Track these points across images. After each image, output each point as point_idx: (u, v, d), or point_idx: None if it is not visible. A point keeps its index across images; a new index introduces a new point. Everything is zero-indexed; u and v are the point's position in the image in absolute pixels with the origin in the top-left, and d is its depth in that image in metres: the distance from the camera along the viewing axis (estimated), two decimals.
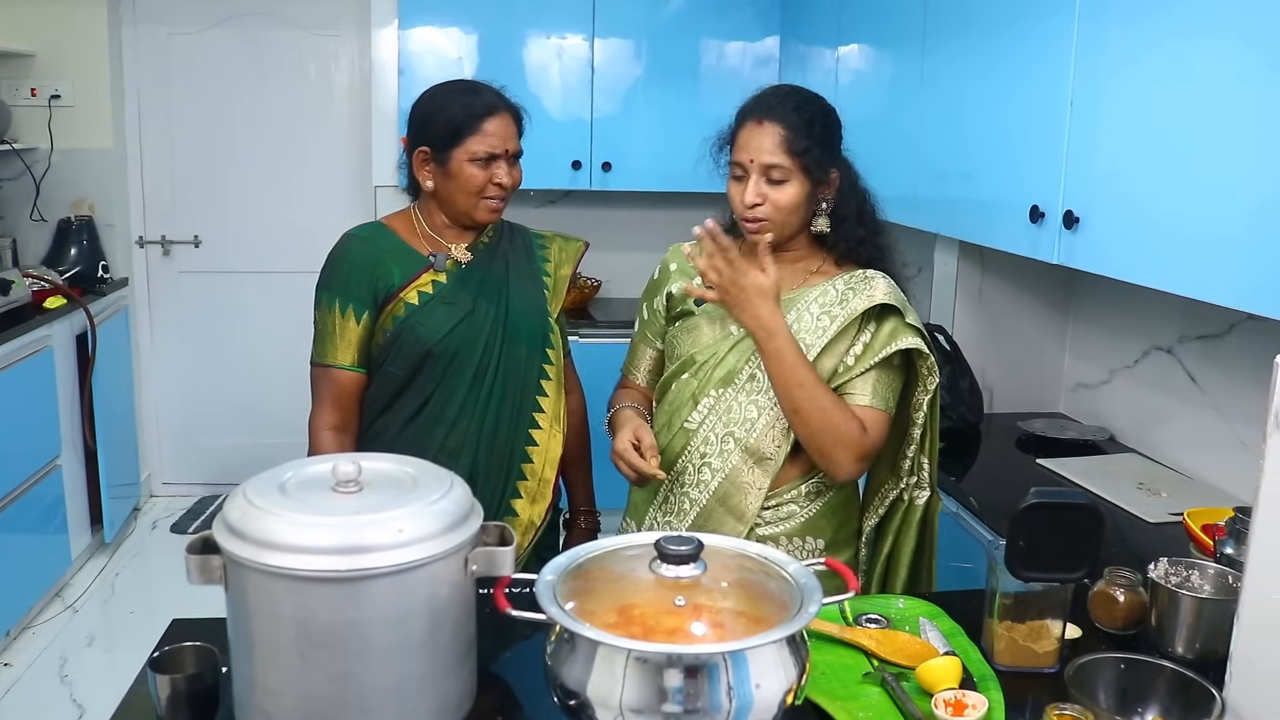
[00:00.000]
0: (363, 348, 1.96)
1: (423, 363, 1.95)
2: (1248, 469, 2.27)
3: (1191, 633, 1.48)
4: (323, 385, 1.98)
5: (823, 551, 1.86)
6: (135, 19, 4.46)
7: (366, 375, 1.99)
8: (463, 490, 1.23)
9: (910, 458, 1.89)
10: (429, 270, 1.98)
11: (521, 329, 2.02)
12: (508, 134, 1.98)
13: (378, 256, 1.97)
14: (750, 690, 1.09)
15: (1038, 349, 3.13)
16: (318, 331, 1.98)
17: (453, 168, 1.95)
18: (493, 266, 2.04)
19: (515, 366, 2.02)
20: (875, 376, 1.80)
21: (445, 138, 1.95)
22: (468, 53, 4.27)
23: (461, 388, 1.97)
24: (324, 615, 1.12)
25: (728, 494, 1.85)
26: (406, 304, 1.95)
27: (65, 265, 4.13)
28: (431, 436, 1.96)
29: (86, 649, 3.50)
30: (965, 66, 2.68)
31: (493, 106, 1.97)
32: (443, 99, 2.00)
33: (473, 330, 1.97)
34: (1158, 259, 1.96)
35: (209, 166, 4.63)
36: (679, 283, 1.98)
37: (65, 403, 3.83)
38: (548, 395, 2.07)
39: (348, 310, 1.94)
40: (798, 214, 1.81)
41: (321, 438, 1.96)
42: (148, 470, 4.78)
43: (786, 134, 1.77)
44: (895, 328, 1.81)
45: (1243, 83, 1.75)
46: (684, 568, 1.19)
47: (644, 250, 4.79)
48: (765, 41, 4.40)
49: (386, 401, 1.99)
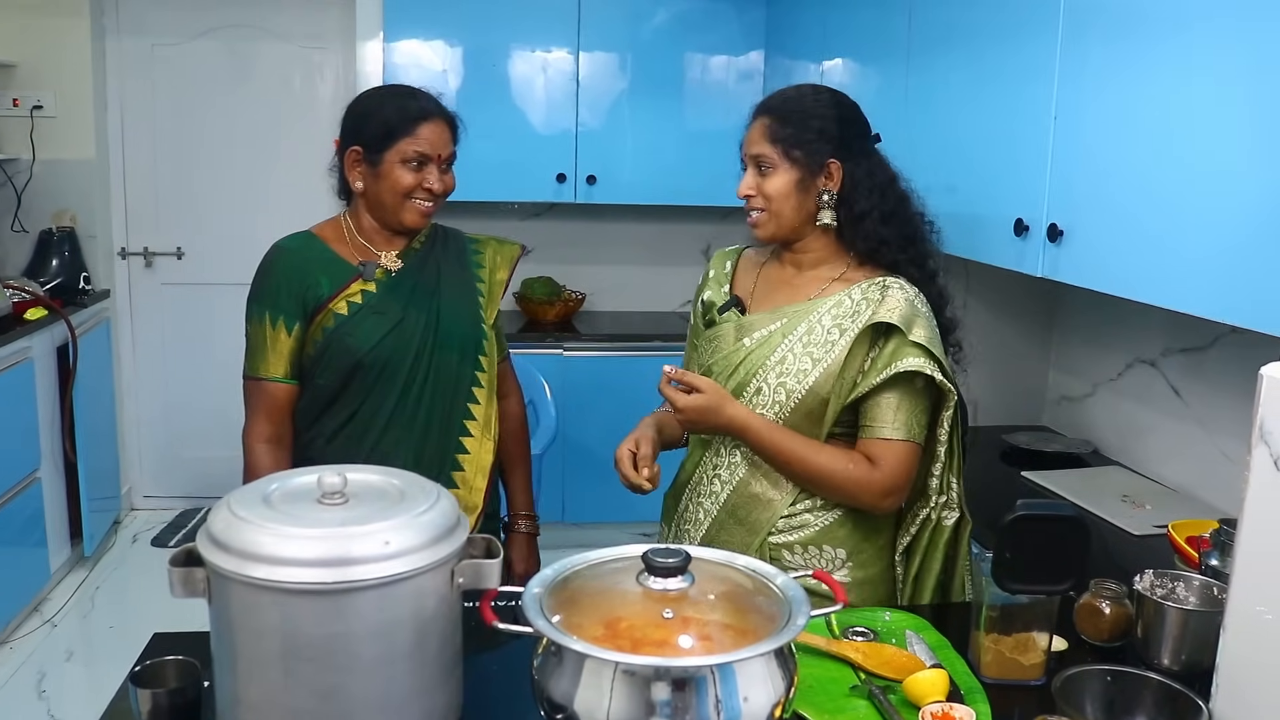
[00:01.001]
0: (294, 359, 1.96)
1: (352, 374, 1.95)
2: (1231, 481, 2.30)
3: (1177, 644, 1.48)
4: (255, 398, 1.98)
5: (846, 562, 1.83)
6: (118, 30, 4.45)
7: (299, 387, 1.98)
8: (449, 502, 1.22)
9: (937, 477, 1.81)
10: (358, 280, 1.97)
11: (453, 336, 2.02)
12: (441, 139, 1.98)
13: (306, 267, 1.96)
14: (738, 703, 1.09)
15: (1022, 362, 3.14)
16: (249, 345, 1.98)
17: (384, 169, 1.95)
18: (423, 274, 2.04)
19: (446, 375, 2.01)
20: (897, 403, 1.75)
21: (378, 139, 1.95)
22: (453, 65, 4.27)
23: (392, 397, 1.97)
24: (309, 628, 1.11)
25: (736, 505, 1.84)
26: (335, 315, 1.95)
27: (46, 276, 4.10)
28: (361, 446, 1.96)
29: (65, 664, 3.46)
30: (949, 81, 2.70)
31: (427, 111, 1.97)
32: (378, 100, 2.01)
33: (402, 339, 1.97)
34: (1142, 272, 1.97)
35: (192, 178, 4.61)
36: (711, 290, 1.98)
37: (45, 415, 3.79)
38: (479, 403, 2.06)
39: (278, 322, 1.94)
40: (789, 203, 1.80)
41: (255, 450, 1.96)
42: (128, 483, 4.74)
43: (770, 122, 1.80)
44: (897, 348, 1.74)
45: (1226, 95, 1.76)
46: (671, 580, 1.19)
47: (629, 263, 4.82)
48: (749, 56, 4.42)
49: (317, 413, 1.99)
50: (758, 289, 1.92)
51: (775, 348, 1.81)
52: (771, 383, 1.79)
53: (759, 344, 1.83)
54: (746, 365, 1.82)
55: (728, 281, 1.97)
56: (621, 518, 3.78)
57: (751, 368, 1.82)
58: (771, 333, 1.83)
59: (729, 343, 1.87)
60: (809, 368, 1.77)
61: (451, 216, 2.24)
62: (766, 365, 1.80)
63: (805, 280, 1.87)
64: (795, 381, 1.78)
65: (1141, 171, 1.96)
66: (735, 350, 1.85)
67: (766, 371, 1.80)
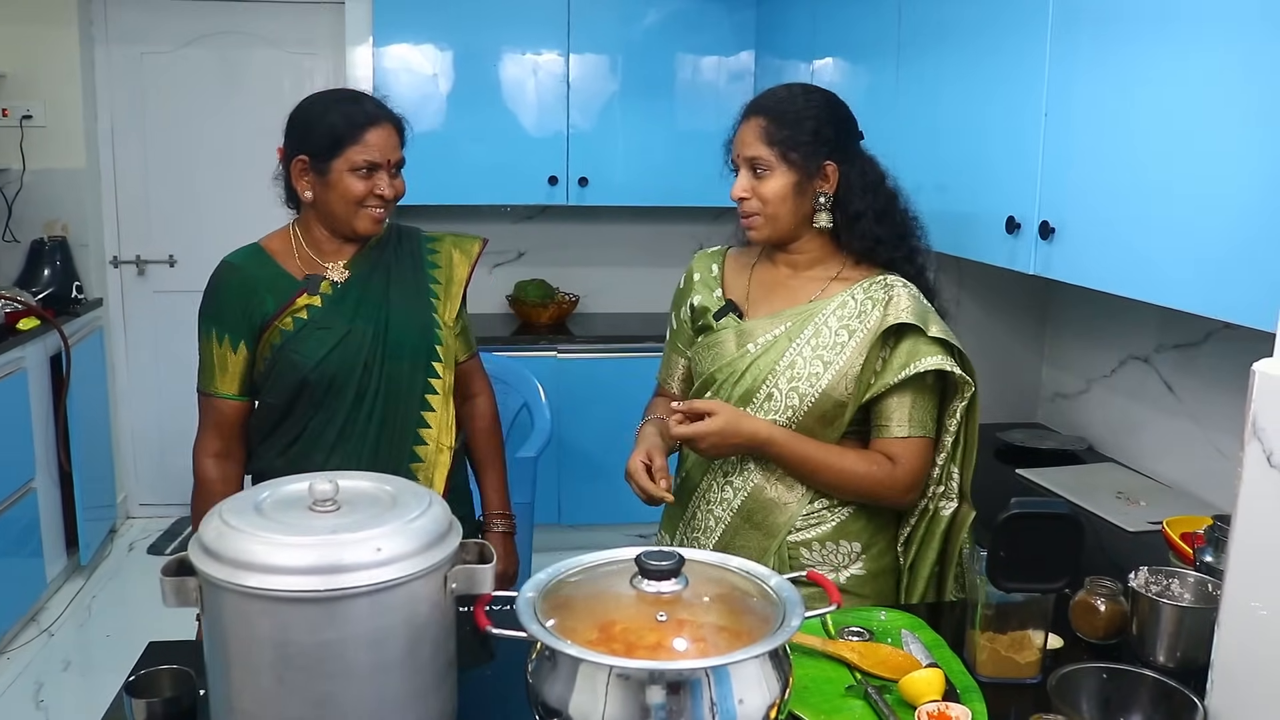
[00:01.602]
0: (244, 377, 1.96)
1: (299, 390, 1.93)
2: (1225, 477, 2.30)
3: (1172, 641, 1.48)
4: (205, 413, 1.98)
5: (860, 555, 1.84)
6: (107, 39, 4.43)
7: (249, 403, 1.98)
8: (441, 508, 1.22)
9: (940, 466, 1.82)
10: (303, 294, 1.95)
11: (403, 345, 1.98)
12: (389, 144, 1.93)
13: (252, 285, 1.94)
14: (733, 705, 1.09)
15: (1016, 360, 3.14)
16: (200, 359, 1.97)
17: (332, 178, 1.92)
18: (371, 283, 1.99)
19: (397, 384, 1.98)
20: (910, 401, 1.77)
21: (325, 147, 1.91)
22: (443, 69, 4.27)
23: (341, 411, 1.94)
24: (302, 636, 1.11)
25: (752, 511, 1.83)
26: (282, 331, 1.93)
27: (38, 286, 4.08)
28: (311, 460, 1.92)
29: (63, 673, 3.45)
30: (939, 79, 2.70)
31: (374, 116, 1.93)
32: (322, 107, 1.96)
33: (349, 353, 1.94)
34: (1134, 269, 1.97)
35: (183, 186, 4.59)
36: (700, 294, 1.96)
37: (39, 425, 3.78)
38: (434, 410, 2.02)
39: (224, 340, 1.93)
40: (786, 206, 1.79)
41: (204, 465, 1.97)
42: (124, 492, 4.73)
43: (766, 125, 1.78)
44: (913, 347, 1.76)
45: (1216, 92, 1.76)
46: (665, 583, 1.19)
47: (622, 265, 4.82)
48: (740, 56, 4.42)
49: (269, 429, 1.98)
50: (753, 292, 1.91)
51: (783, 352, 1.80)
52: (783, 388, 1.79)
53: (764, 349, 1.82)
54: (753, 372, 1.82)
55: (718, 285, 1.95)
56: (617, 520, 3.78)
57: (759, 374, 1.81)
58: (776, 337, 1.82)
59: (731, 350, 1.85)
60: (820, 370, 1.78)
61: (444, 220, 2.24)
62: (776, 370, 1.80)
63: (802, 281, 1.86)
64: (808, 385, 1.78)
65: (1132, 168, 1.96)
66: (740, 357, 1.84)
67: (776, 377, 1.80)
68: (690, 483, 1.92)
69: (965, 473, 1.84)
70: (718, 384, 1.85)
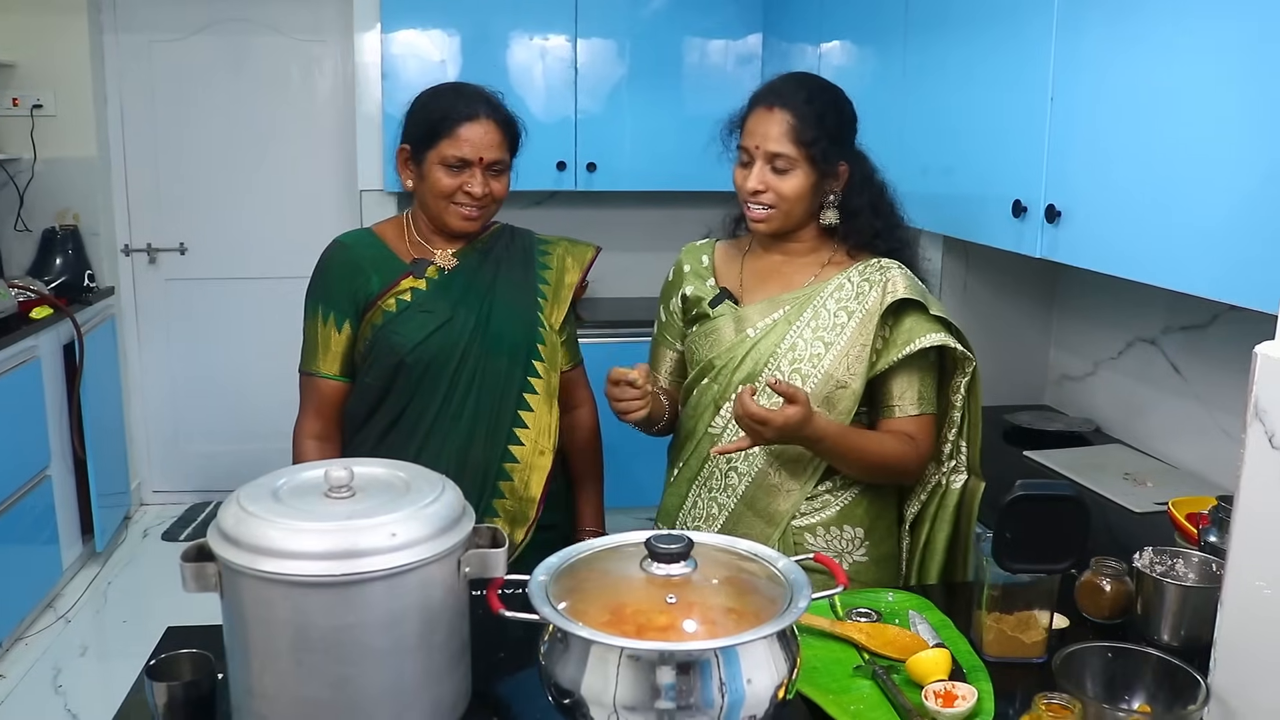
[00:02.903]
0: (346, 358, 1.94)
1: (396, 373, 1.91)
2: (1231, 458, 2.29)
3: (1177, 620, 1.49)
4: (307, 393, 1.97)
5: (864, 541, 1.85)
6: (116, 27, 4.45)
7: (350, 385, 1.96)
8: (454, 494, 1.24)
9: (950, 442, 1.85)
10: (408, 277, 1.93)
11: (503, 339, 1.95)
12: (486, 143, 1.89)
13: (359, 264, 1.94)
14: (742, 685, 1.11)
15: (1023, 342, 3.15)
16: (305, 339, 1.96)
17: (425, 169, 1.91)
18: (479, 274, 1.98)
19: (494, 379, 1.95)
20: (919, 379, 1.80)
21: (422, 138, 1.91)
22: (451, 55, 4.27)
23: (436, 400, 1.92)
24: (319, 620, 1.13)
25: (755, 498, 1.84)
26: (384, 312, 1.91)
27: (51, 275, 4.11)
28: (407, 449, 1.90)
29: (80, 659, 3.49)
30: (947, 62, 2.70)
31: (472, 113, 1.90)
32: (428, 98, 1.95)
33: (449, 339, 1.92)
34: (1140, 252, 1.98)
35: (193, 173, 4.62)
36: (692, 285, 1.96)
37: (53, 413, 3.82)
38: (533, 410, 1.98)
39: (329, 319, 1.92)
40: (802, 204, 1.80)
41: (304, 446, 1.96)
42: (138, 479, 4.77)
43: (795, 123, 1.77)
44: (914, 324, 1.78)
45: (1222, 75, 1.77)
46: (675, 566, 1.20)
47: (631, 250, 4.82)
48: (748, 39, 4.41)
49: (364, 415, 1.96)
50: (746, 280, 1.92)
51: (783, 336, 1.82)
52: (785, 370, 1.80)
53: (764, 333, 1.83)
54: (754, 355, 1.83)
55: (710, 274, 1.95)
56: (627, 503, 3.79)
57: (760, 357, 1.82)
58: (776, 321, 1.83)
59: (730, 335, 1.86)
60: (821, 351, 1.79)
61: None
62: (777, 353, 1.81)
63: (796, 268, 1.88)
64: (810, 366, 1.79)
65: (1139, 152, 1.97)
66: (739, 342, 1.85)
67: (778, 360, 1.81)
68: (688, 470, 1.91)
69: (973, 446, 1.87)
70: (717, 370, 1.86)
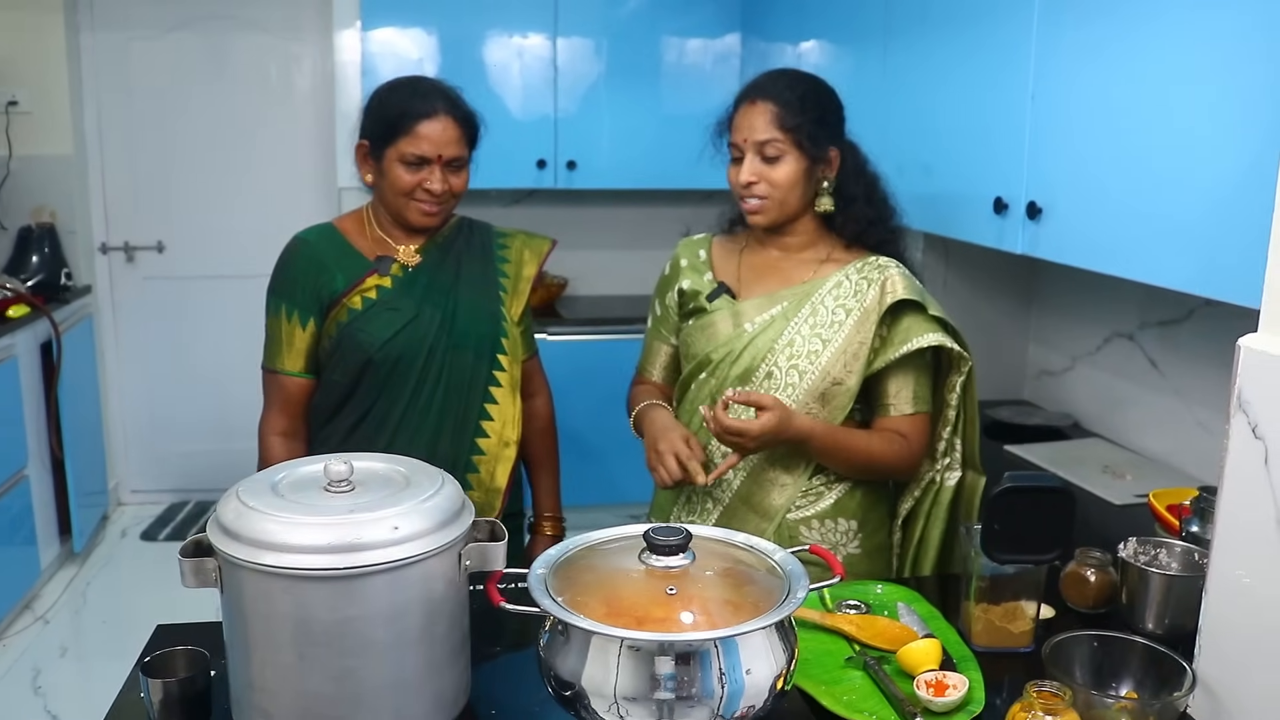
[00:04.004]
0: (310, 354, 1.95)
1: (364, 371, 1.92)
2: (1208, 450, 2.34)
3: (1161, 609, 1.52)
4: (271, 390, 1.97)
5: (857, 533, 1.87)
6: (93, 24, 4.41)
7: (315, 381, 1.97)
8: (454, 487, 1.25)
9: (945, 439, 1.88)
10: (373, 274, 1.94)
11: (468, 334, 1.97)
12: (444, 139, 1.90)
13: (322, 260, 1.94)
14: (741, 675, 1.12)
15: (1002, 338, 3.18)
16: (267, 336, 1.97)
17: (385, 166, 1.91)
18: (442, 269, 1.99)
19: (460, 374, 1.97)
20: (915, 379, 1.82)
21: (381, 135, 1.91)
22: (431, 53, 4.26)
23: (404, 396, 1.93)
24: (322, 613, 1.13)
25: (750, 492, 1.86)
26: (349, 309, 1.92)
27: (27, 273, 4.07)
28: (373, 447, 1.89)
29: (59, 659, 3.47)
30: (927, 61, 2.72)
31: (430, 109, 1.89)
32: (385, 94, 1.95)
33: (415, 336, 1.93)
34: (1120, 247, 2.01)
35: (171, 171, 4.59)
36: (689, 279, 1.97)
37: (31, 413, 3.78)
38: (497, 403, 2.00)
39: (293, 316, 1.92)
40: (796, 191, 1.81)
41: (270, 443, 1.96)
42: (115, 478, 4.73)
43: (778, 110, 1.79)
44: (911, 324, 1.80)
45: (1198, 72, 1.80)
46: (673, 558, 1.21)
47: (611, 248, 4.83)
48: (727, 39, 4.43)
49: (331, 410, 1.97)
50: (744, 275, 1.93)
51: (781, 331, 1.83)
52: (783, 365, 1.82)
53: (762, 329, 1.84)
54: (752, 350, 1.84)
55: (708, 269, 1.96)
56: (607, 500, 3.81)
57: (758, 352, 1.83)
58: (774, 317, 1.84)
59: (727, 330, 1.87)
60: (819, 349, 1.81)
61: None
62: (775, 349, 1.82)
63: (794, 264, 1.89)
64: (807, 363, 1.81)
65: (1118, 149, 2.00)
66: (736, 336, 1.86)
67: (775, 355, 1.82)
68: None
69: (971, 443, 1.90)
70: (714, 364, 1.87)
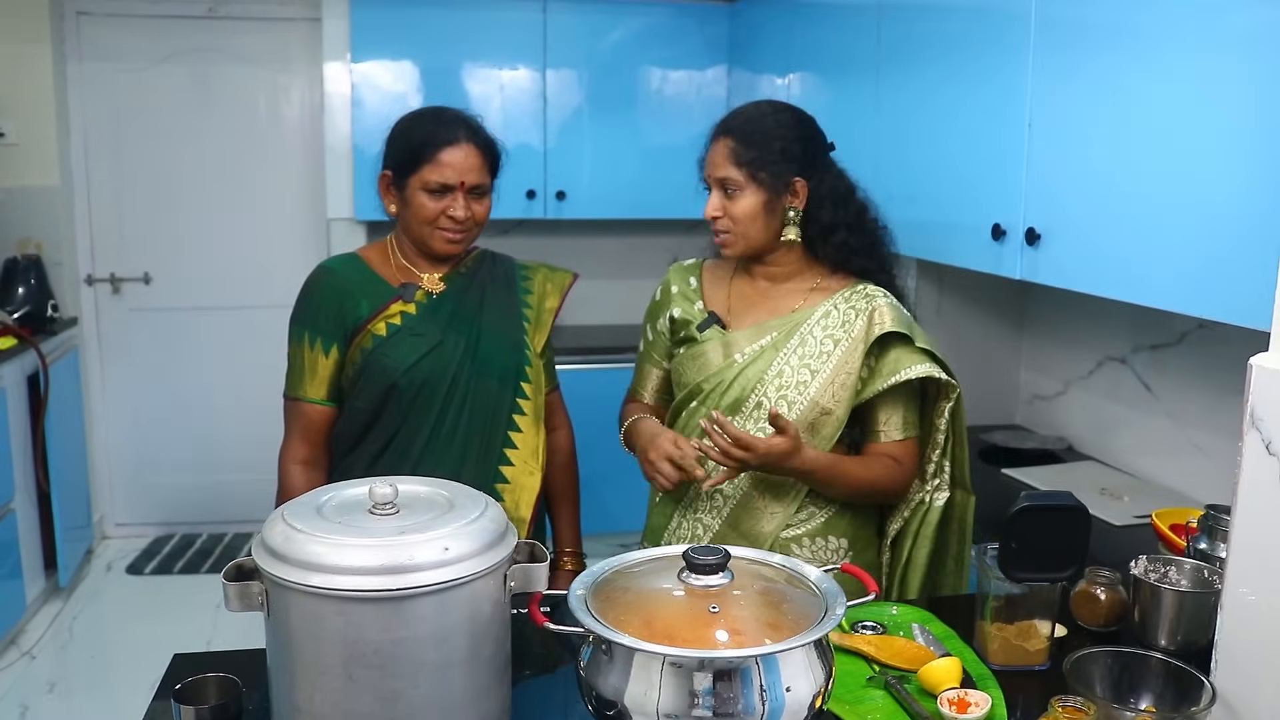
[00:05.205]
0: (333, 382, 1.95)
1: (388, 397, 1.92)
2: (1203, 472, 2.39)
3: (1174, 625, 1.55)
4: (293, 418, 1.97)
5: (847, 550, 1.89)
6: (81, 56, 4.42)
7: (337, 409, 1.97)
8: (497, 510, 1.26)
9: (934, 461, 1.91)
10: (398, 301, 1.95)
11: (493, 362, 1.97)
12: (467, 166, 1.92)
13: (347, 288, 1.95)
14: (782, 693, 1.14)
15: (995, 363, 3.22)
16: (290, 364, 1.96)
17: (408, 195, 1.93)
18: (466, 297, 2.00)
19: (484, 401, 1.97)
20: (904, 406, 1.86)
21: (404, 164, 1.93)
22: (421, 86, 4.29)
23: (428, 423, 1.93)
24: (372, 635, 1.14)
25: (739, 519, 1.87)
26: (374, 336, 1.92)
27: (13, 305, 4.04)
28: (397, 474, 1.84)
29: (47, 695, 3.42)
30: (923, 92, 2.77)
31: (453, 137, 1.92)
32: (409, 124, 1.97)
33: (440, 362, 1.93)
34: (1117, 272, 2.05)
35: (158, 203, 4.58)
36: (680, 307, 1.99)
37: (18, 445, 3.75)
38: (522, 431, 2.00)
39: (316, 344, 1.92)
40: (757, 224, 1.84)
41: (290, 472, 1.95)
42: (100, 511, 4.69)
43: (734, 146, 1.83)
44: (899, 355, 1.83)
45: (1193, 101, 1.86)
46: (713, 577, 1.23)
47: (601, 277, 4.86)
48: (714, 71, 4.49)
49: (354, 439, 1.97)
50: (734, 304, 1.95)
51: (770, 362, 1.85)
52: (772, 396, 1.84)
53: (752, 359, 1.87)
54: (741, 381, 1.86)
55: (698, 297, 1.98)
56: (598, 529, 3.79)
57: (748, 383, 1.86)
58: (763, 347, 1.87)
59: (717, 360, 1.89)
60: (808, 379, 1.83)
61: None
62: (764, 380, 1.85)
63: (782, 293, 1.92)
64: (796, 393, 1.83)
65: (1115, 176, 2.05)
66: (727, 367, 1.88)
67: (765, 385, 1.85)
68: (676, 491, 1.92)
69: (961, 464, 1.93)
70: (705, 394, 1.89)
